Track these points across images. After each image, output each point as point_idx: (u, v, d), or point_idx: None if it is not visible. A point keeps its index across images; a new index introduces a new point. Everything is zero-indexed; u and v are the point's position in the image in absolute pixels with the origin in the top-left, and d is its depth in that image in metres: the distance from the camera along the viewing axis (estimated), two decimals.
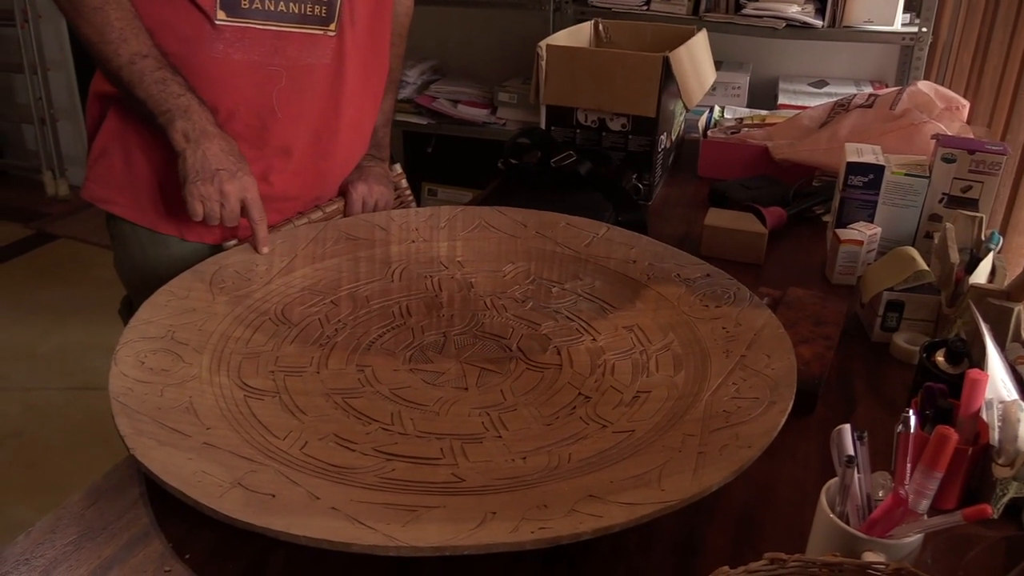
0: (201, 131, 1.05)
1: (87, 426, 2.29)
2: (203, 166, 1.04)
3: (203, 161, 1.04)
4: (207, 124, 1.06)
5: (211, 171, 1.05)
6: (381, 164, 1.36)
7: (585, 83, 1.53)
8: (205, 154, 1.05)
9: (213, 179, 1.05)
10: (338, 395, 0.87)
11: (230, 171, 1.06)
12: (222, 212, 1.07)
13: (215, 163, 1.05)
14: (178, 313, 0.95)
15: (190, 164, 1.04)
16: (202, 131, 1.05)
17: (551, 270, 1.13)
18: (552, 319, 1.03)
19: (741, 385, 0.85)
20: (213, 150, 1.05)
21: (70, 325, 2.76)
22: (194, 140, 1.04)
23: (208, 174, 1.05)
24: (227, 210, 1.07)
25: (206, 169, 1.05)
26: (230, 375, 0.88)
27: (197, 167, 1.04)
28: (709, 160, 1.70)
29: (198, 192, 1.05)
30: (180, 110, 1.04)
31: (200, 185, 1.04)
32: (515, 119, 2.77)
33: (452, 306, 1.06)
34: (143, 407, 0.79)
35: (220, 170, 1.05)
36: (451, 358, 0.95)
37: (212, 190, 1.05)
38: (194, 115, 1.05)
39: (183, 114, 1.04)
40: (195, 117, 1.05)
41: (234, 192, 1.06)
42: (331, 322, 1.01)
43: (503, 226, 1.21)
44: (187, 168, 1.04)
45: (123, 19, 1.02)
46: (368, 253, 1.14)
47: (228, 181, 1.05)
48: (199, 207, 1.05)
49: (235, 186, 1.06)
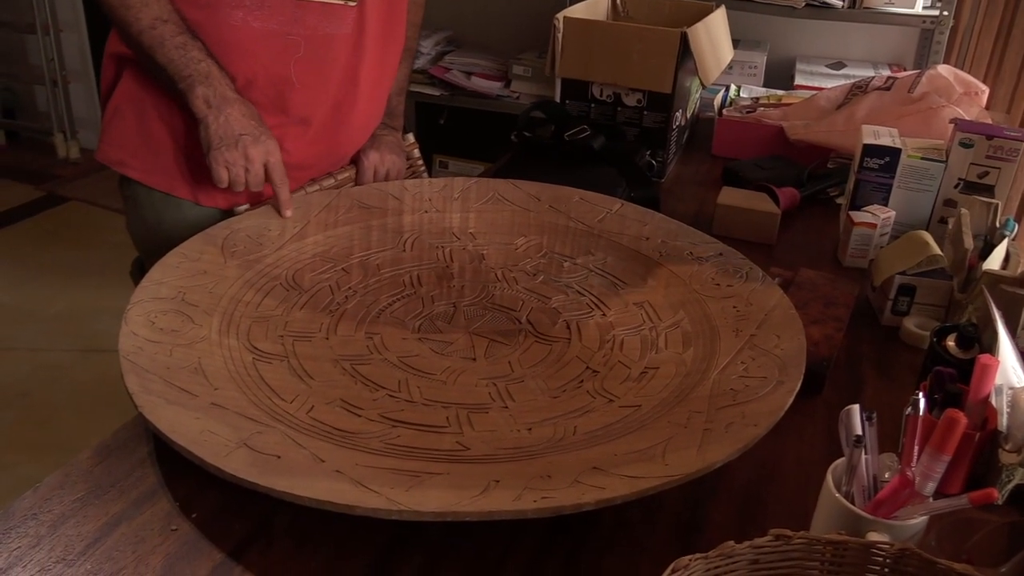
0: (222, 97, 1.04)
1: (95, 388, 2.29)
2: (226, 132, 1.04)
3: (226, 127, 1.04)
4: (227, 90, 1.05)
5: (234, 136, 1.04)
6: (394, 133, 1.35)
7: (601, 57, 1.51)
8: (228, 120, 1.04)
9: (237, 144, 1.04)
10: (346, 361, 0.87)
11: (253, 135, 1.05)
12: (247, 177, 1.06)
13: (238, 128, 1.04)
14: (189, 275, 0.94)
15: (213, 131, 1.04)
16: (223, 97, 1.04)
17: (563, 244, 1.12)
18: (563, 293, 1.02)
19: (750, 364, 0.84)
20: (235, 115, 1.04)
21: (79, 287, 2.76)
22: (216, 106, 1.04)
23: (232, 140, 1.04)
24: (252, 174, 1.06)
25: (229, 135, 1.04)
26: (239, 338, 0.88)
27: (220, 133, 1.04)
28: (724, 139, 1.68)
29: (223, 158, 1.04)
30: (201, 76, 1.03)
31: (225, 151, 1.04)
32: (529, 92, 2.75)
33: (463, 277, 1.05)
34: (152, 366, 0.78)
35: (243, 135, 1.05)
36: (460, 328, 0.95)
37: (237, 155, 1.04)
38: (215, 81, 1.04)
39: (204, 80, 1.03)
40: (215, 83, 1.04)
41: (258, 156, 1.06)
42: (341, 289, 1.00)
43: (517, 199, 1.20)
44: (210, 135, 1.04)
45: None
46: (380, 222, 1.13)
47: (252, 146, 1.05)
48: (224, 173, 1.05)
49: (259, 150, 1.05)
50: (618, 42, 1.49)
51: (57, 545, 0.68)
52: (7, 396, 2.26)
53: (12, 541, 0.68)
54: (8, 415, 2.20)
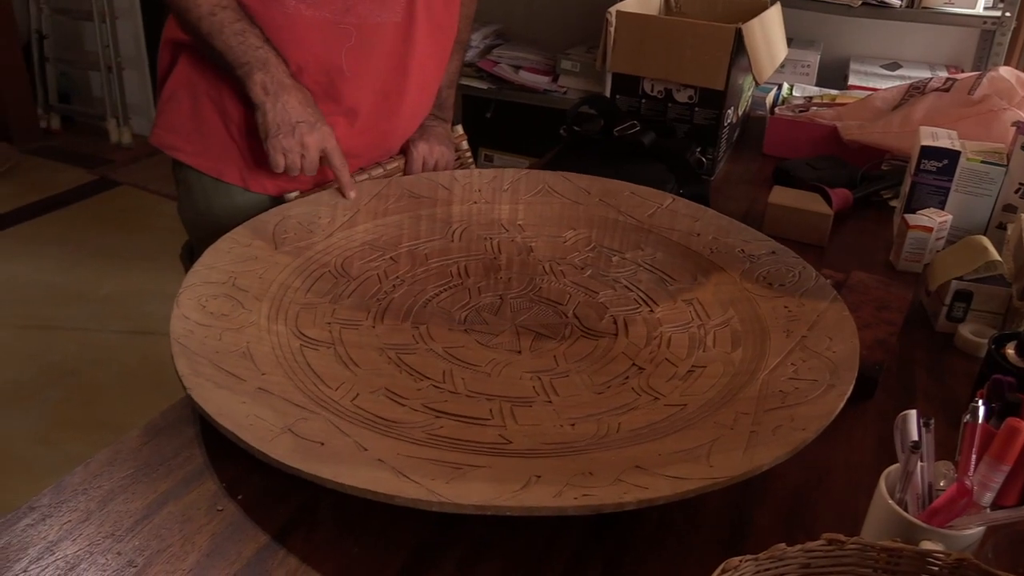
0: (279, 84, 1.05)
1: (142, 370, 2.33)
2: (283, 119, 1.04)
3: (283, 114, 1.04)
4: (284, 76, 1.05)
5: (291, 124, 1.05)
6: (444, 124, 1.34)
7: (653, 52, 1.49)
8: (285, 107, 1.05)
9: (294, 131, 1.05)
10: (392, 350, 0.87)
11: (309, 123, 1.06)
12: (303, 163, 1.07)
13: (295, 115, 1.05)
14: (240, 261, 0.95)
15: (271, 118, 1.05)
16: (280, 83, 1.05)
17: (612, 238, 1.10)
18: (610, 288, 1.01)
19: (800, 366, 0.82)
20: (292, 103, 1.05)
21: (128, 270, 2.80)
22: (273, 93, 1.04)
23: (289, 127, 1.05)
24: (308, 161, 1.07)
25: (287, 122, 1.05)
26: (287, 324, 0.88)
27: (278, 120, 1.05)
28: (775, 138, 1.65)
29: (280, 146, 1.05)
30: (259, 62, 1.04)
31: (282, 138, 1.05)
32: (577, 88, 2.73)
33: (510, 269, 1.04)
34: (202, 349, 0.79)
35: (300, 122, 1.05)
36: (506, 321, 0.94)
37: (294, 143, 1.05)
38: (272, 67, 1.04)
39: (262, 66, 1.04)
40: (273, 70, 1.04)
41: (315, 143, 1.06)
42: (389, 278, 1.00)
43: (566, 192, 1.18)
44: (268, 122, 1.05)
45: None
46: (430, 212, 1.13)
47: (308, 133, 1.06)
48: (281, 159, 1.06)
49: (315, 137, 1.06)
50: (671, 37, 1.47)
51: (107, 521, 0.69)
52: (56, 375, 2.30)
53: (64, 515, 0.69)
54: (56, 394, 2.24)
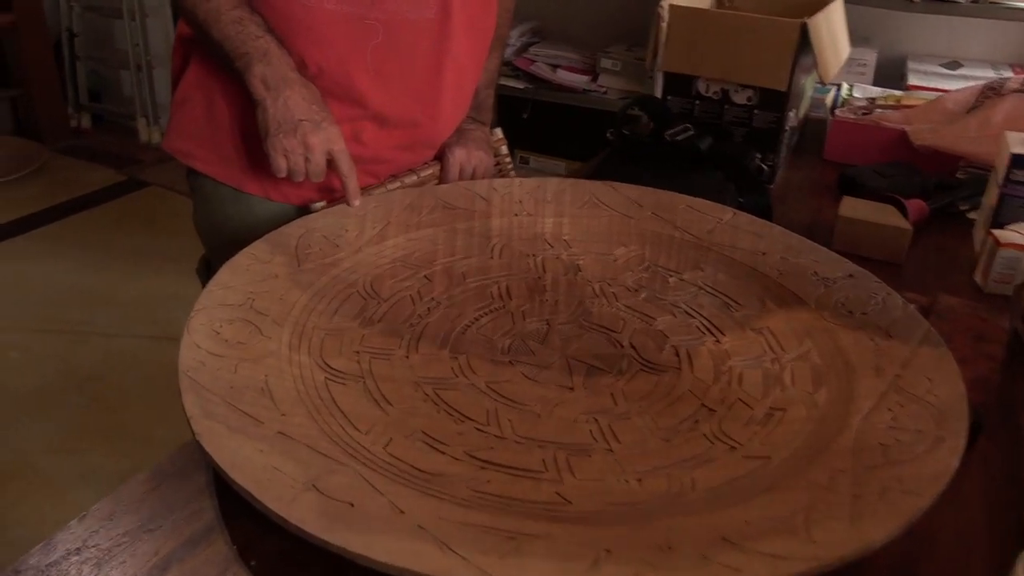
0: (281, 77, 0.95)
1: (166, 376, 2.23)
2: (284, 117, 0.95)
3: (284, 111, 0.95)
4: (287, 70, 0.96)
5: (293, 122, 0.95)
6: (482, 128, 1.24)
7: (710, 49, 1.38)
8: (286, 103, 0.95)
9: (296, 131, 0.95)
10: (429, 385, 0.77)
11: (313, 121, 0.96)
12: (307, 167, 0.97)
13: (297, 113, 0.95)
14: (260, 279, 0.85)
15: (271, 115, 0.95)
16: (282, 77, 0.95)
17: (668, 257, 1.00)
18: (669, 313, 0.90)
19: (898, 412, 0.71)
20: (294, 99, 0.95)
21: (154, 273, 2.73)
22: (274, 87, 0.95)
23: (291, 125, 0.95)
24: (312, 164, 0.97)
25: (288, 120, 0.95)
26: (311, 353, 0.78)
27: (278, 118, 0.95)
28: (838, 142, 1.54)
29: (280, 146, 0.95)
30: (259, 53, 0.94)
31: (283, 138, 0.95)
32: (617, 87, 2.62)
33: (557, 291, 0.94)
34: (214, 385, 0.69)
35: (303, 120, 0.95)
36: (555, 351, 0.84)
37: (295, 143, 0.95)
38: (273, 59, 0.95)
39: (262, 58, 0.94)
40: (274, 61, 0.95)
41: (319, 144, 0.96)
42: (424, 300, 0.90)
43: (616, 204, 1.08)
44: (268, 120, 0.95)
45: None
46: (467, 225, 1.03)
47: (312, 133, 0.96)
48: (283, 162, 0.96)
49: (320, 138, 0.96)
50: (729, 33, 1.36)
51: None
52: (80, 381, 2.24)
53: None
54: (80, 400, 2.17)
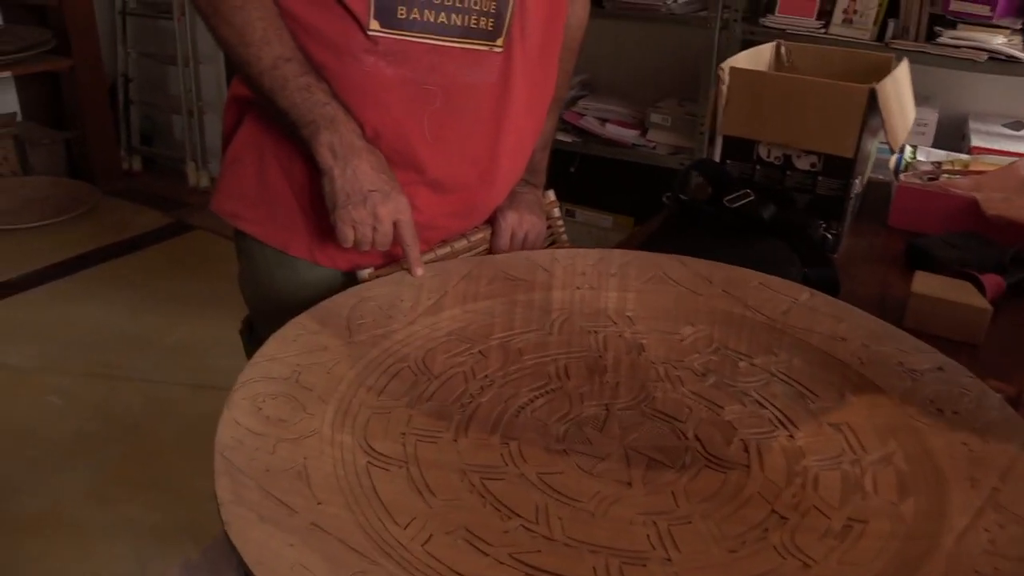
0: (349, 146, 0.93)
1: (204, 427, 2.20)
2: (354, 187, 0.92)
3: (353, 181, 0.92)
4: (355, 138, 0.93)
5: (363, 193, 0.93)
6: (535, 191, 1.20)
7: (772, 113, 1.34)
8: (355, 173, 0.92)
9: (366, 202, 0.93)
10: (476, 473, 0.72)
11: (383, 192, 0.93)
12: (375, 236, 0.95)
13: (367, 183, 0.93)
14: (307, 351, 0.82)
15: (339, 186, 0.93)
16: (350, 146, 0.93)
17: (739, 339, 0.94)
18: (738, 402, 0.84)
19: (997, 534, 0.63)
20: (363, 168, 0.93)
21: (197, 318, 2.74)
22: (342, 157, 0.92)
23: (360, 196, 0.93)
24: (380, 234, 0.95)
25: (357, 191, 0.92)
26: (355, 433, 0.74)
27: (347, 189, 0.92)
28: (903, 209, 1.46)
29: (349, 217, 0.93)
30: (326, 120, 0.92)
31: (351, 209, 0.93)
32: (667, 143, 2.59)
33: (618, 372, 0.89)
34: (250, 467, 0.66)
35: (373, 191, 0.93)
36: (613, 440, 0.78)
37: (365, 214, 0.93)
38: (341, 126, 0.93)
39: (329, 125, 0.92)
40: (342, 129, 0.93)
41: (388, 215, 0.94)
42: (477, 377, 0.86)
43: (684, 279, 1.03)
44: (336, 190, 0.93)
45: (265, 19, 0.92)
46: (527, 297, 0.98)
47: (382, 203, 0.93)
48: (350, 232, 0.94)
49: (389, 208, 0.94)
50: (793, 97, 1.31)
51: None
52: (117, 429, 2.22)
53: None
54: (116, 449, 2.15)
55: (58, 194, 3.52)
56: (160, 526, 1.87)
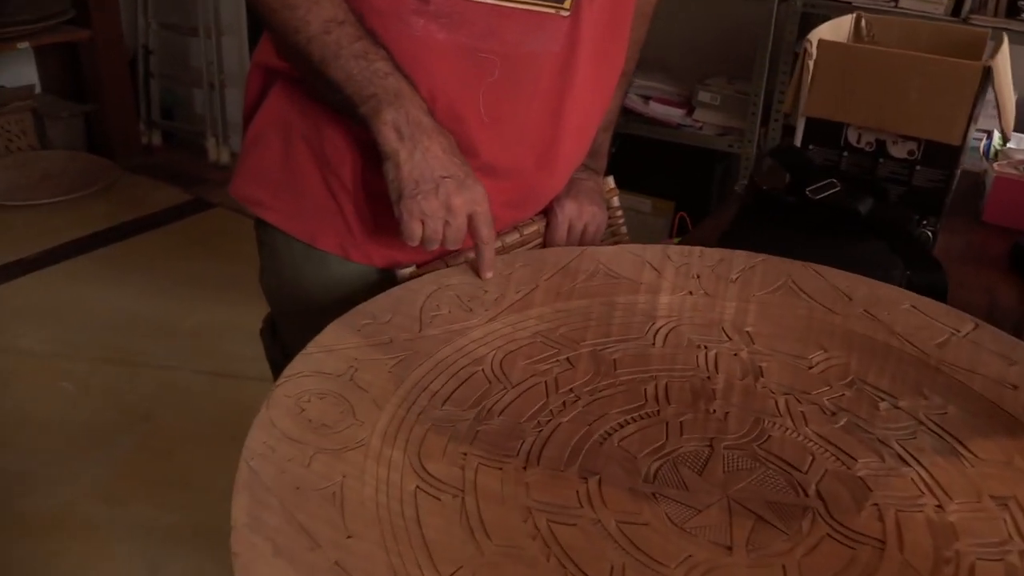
0: (417, 124, 0.80)
1: (222, 418, 2.07)
2: (424, 174, 0.80)
3: (423, 167, 0.80)
4: (422, 115, 0.81)
5: (434, 180, 0.80)
6: (595, 177, 1.06)
7: (865, 93, 1.18)
8: (425, 157, 0.80)
9: (438, 190, 0.80)
10: (543, 514, 0.60)
11: (457, 179, 0.81)
12: (446, 231, 0.82)
13: (438, 169, 0.80)
14: (371, 344, 0.72)
15: (406, 172, 0.80)
16: (418, 124, 0.80)
17: (881, 373, 0.78)
18: (875, 454, 0.69)
19: None
20: (434, 150, 0.80)
21: (216, 302, 2.57)
22: (409, 137, 0.80)
23: (431, 184, 0.80)
24: (453, 229, 0.82)
25: (428, 178, 0.80)
26: (408, 450, 0.63)
27: (416, 175, 0.80)
28: (1001, 202, 1.30)
29: (419, 209, 0.80)
30: (389, 95, 0.79)
31: (423, 200, 0.80)
32: (715, 123, 2.40)
33: (728, 399, 0.74)
34: (277, 482, 0.56)
35: (446, 178, 0.81)
36: (715, 487, 0.64)
37: (437, 205, 0.81)
38: (407, 102, 0.80)
39: (393, 100, 0.79)
40: (408, 105, 0.80)
41: (463, 206, 0.81)
42: (560, 391, 0.73)
43: (818, 292, 0.87)
44: (402, 177, 0.80)
45: None
46: (629, 299, 0.85)
47: (456, 192, 0.81)
48: (418, 228, 0.81)
49: (464, 198, 0.81)
50: (892, 74, 1.16)
51: None
52: (130, 419, 2.08)
53: None
54: (129, 441, 2.00)
55: (75, 169, 3.41)
56: (174, 528, 1.73)
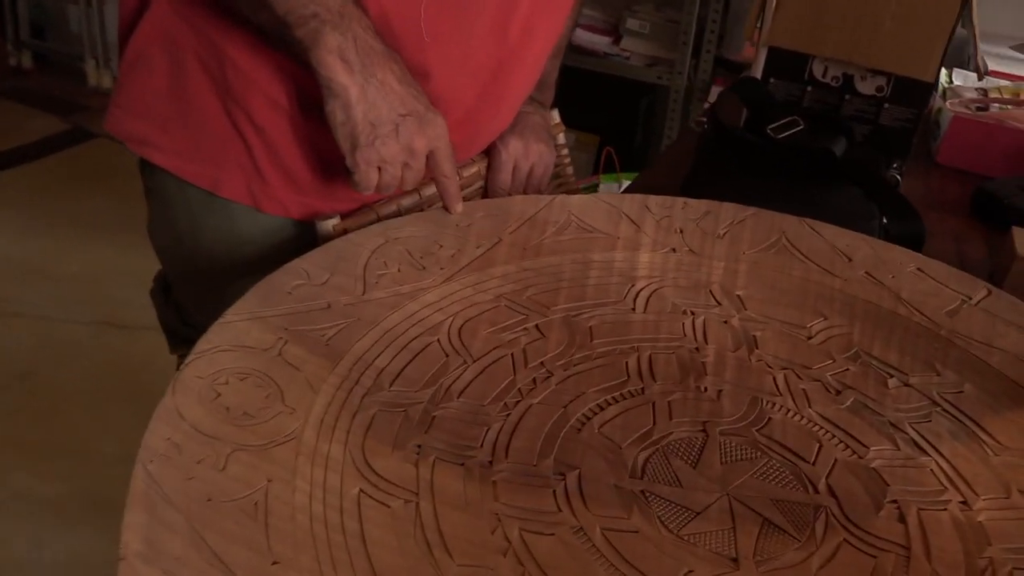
0: (367, 51, 0.67)
1: (111, 374, 1.89)
2: (381, 114, 0.67)
3: (380, 105, 0.67)
4: (371, 37, 0.68)
5: (393, 120, 0.68)
6: (541, 111, 0.97)
7: (834, 21, 1.09)
8: (381, 92, 0.67)
9: (398, 133, 0.68)
10: (514, 521, 0.50)
11: (418, 115, 0.69)
12: (405, 174, 0.70)
13: (398, 105, 0.68)
14: (304, 310, 0.60)
15: (360, 113, 0.67)
16: (368, 51, 0.67)
17: (887, 345, 0.69)
18: (888, 440, 0.60)
19: None
20: (390, 83, 0.68)
21: (100, 243, 2.32)
22: (360, 68, 0.66)
23: (390, 126, 0.68)
24: (414, 171, 0.71)
25: (386, 118, 0.68)
26: (349, 444, 0.52)
27: (372, 117, 0.67)
28: (956, 144, 1.24)
29: (378, 157, 0.68)
30: (333, 14, 0.66)
31: (381, 147, 0.68)
32: (643, 52, 2.33)
33: (721, 375, 0.65)
34: (183, 493, 0.44)
35: (406, 116, 0.68)
36: (713, 482, 0.55)
37: (398, 149, 0.69)
38: (354, 24, 0.67)
39: (339, 21, 0.66)
40: (356, 27, 0.67)
41: (423, 146, 0.70)
42: (530, 364, 0.63)
43: (814, 252, 0.77)
44: (356, 120, 0.67)
45: None
46: (605, 257, 0.74)
47: (418, 132, 0.69)
48: (374, 176, 0.69)
49: (425, 137, 0.69)
50: (865, 3, 1.07)
51: None
52: (7, 376, 1.87)
53: None
54: (6, 400, 1.80)
55: None
56: (59, 499, 1.57)
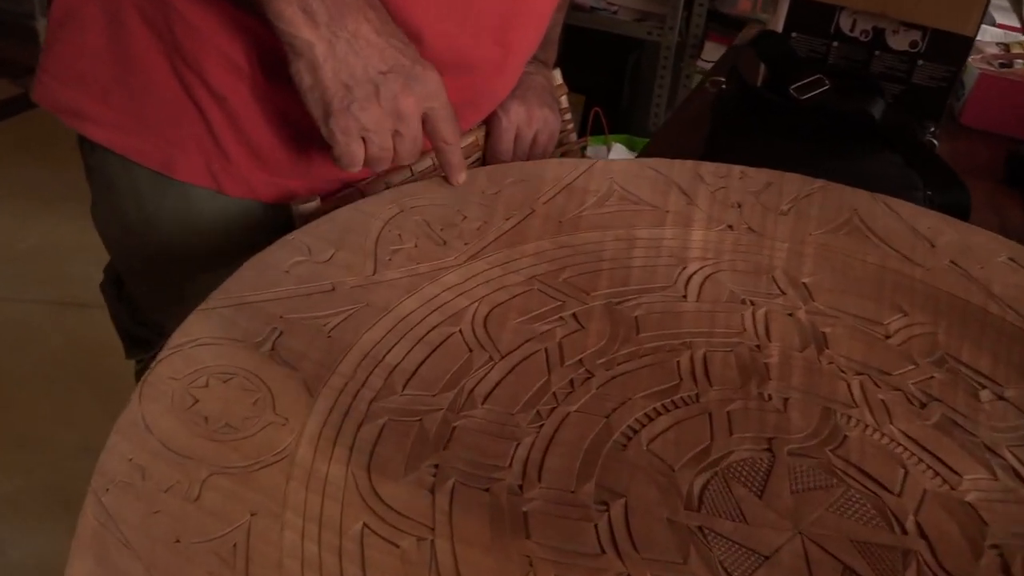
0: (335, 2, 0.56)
1: (70, 357, 1.76)
2: (356, 72, 0.56)
3: (353, 62, 0.56)
4: None
5: (372, 79, 0.57)
6: (544, 72, 0.85)
7: None
8: (353, 46, 0.56)
9: (379, 93, 0.57)
10: (550, 567, 0.41)
11: (402, 69, 0.58)
12: (397, 144, 0.59)
13: (377, 61, 0.57)
14: (303, 292, 0.51)
15: (329, 73, 0.56)
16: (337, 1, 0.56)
17: (978, 349, 0.59)
18: (983, 467, 0.51)
19: None
20: (364, 33, 0.57)
21: (57, 217, 2.17)
22: (326, 21, 0.55)
23: (369, 86, 0.57)
24: (407, 140, 0.60)
25: (362, 77, 0.56)
26: (352, 463, 0.43)
27: (344, 76, 0.56)
28: (982, 104, 1.16)
29: (357, 124, 0.57)
30: None
31: (359, 111, 0.57)
32: (631, 6, 2.21)
33: (787, 379, 0.55)
34: (143, 532, 0.36)
35: (387, 73, 0.57)
36: (783, 517, 0.46)
37: (382, 113, 0.57)
38: None
39: None
40: None
41: (415, 107, 0.59)
42: (567, 362, 0.53)
43: (891, 235, 0.67)
44: (325, 82, 0.56)
45: None
46: (652, 234, 0.65)
47: (405, 90, 0.58)
48: (359, 149, 0.58)
49: (416, 95, 0.58)
50: None
51: None
52: None
53: None
54: None
55: None
56: (17, 495, 1.46)
